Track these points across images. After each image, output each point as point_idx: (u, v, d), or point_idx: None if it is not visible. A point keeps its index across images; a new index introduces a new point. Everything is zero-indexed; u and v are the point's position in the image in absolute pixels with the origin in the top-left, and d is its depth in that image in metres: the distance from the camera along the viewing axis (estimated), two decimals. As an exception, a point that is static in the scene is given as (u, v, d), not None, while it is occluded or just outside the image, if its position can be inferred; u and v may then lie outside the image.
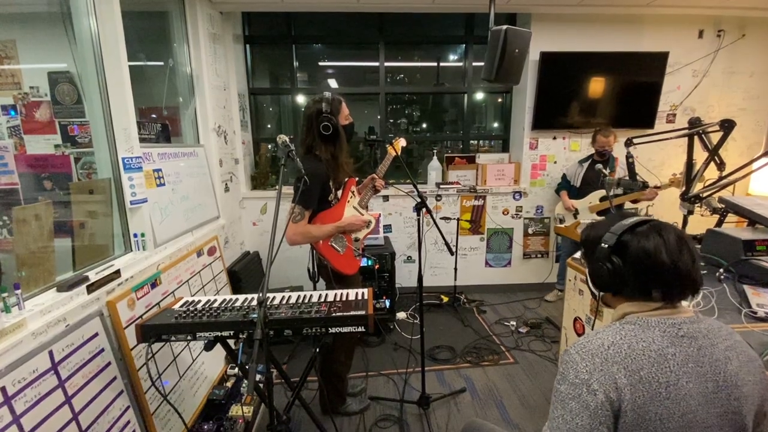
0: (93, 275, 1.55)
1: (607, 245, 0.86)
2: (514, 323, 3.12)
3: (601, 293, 0.94)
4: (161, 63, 2.55)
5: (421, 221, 2.04)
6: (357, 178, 2.09)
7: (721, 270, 1.69)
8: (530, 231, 3.79)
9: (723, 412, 0.75)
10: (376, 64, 3.63)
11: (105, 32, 1.74)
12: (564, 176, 3.46)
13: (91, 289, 1.50)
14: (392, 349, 2.82)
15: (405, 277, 3.66)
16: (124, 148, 1.82)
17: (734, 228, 2.00)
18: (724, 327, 0.84)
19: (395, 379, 2.47)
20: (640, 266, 0.82)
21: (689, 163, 2.05)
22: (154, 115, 2.44)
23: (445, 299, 3.50)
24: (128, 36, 1.81)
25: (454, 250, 2.14)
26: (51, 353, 1.27)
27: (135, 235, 1.88)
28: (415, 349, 2.73)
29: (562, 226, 3.31)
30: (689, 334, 0.79)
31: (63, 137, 1.85)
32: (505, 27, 1.82)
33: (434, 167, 3.65)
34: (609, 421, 0.74)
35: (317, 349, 1.42)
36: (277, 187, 1.39)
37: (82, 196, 1.78)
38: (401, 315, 3.26)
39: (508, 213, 3.73)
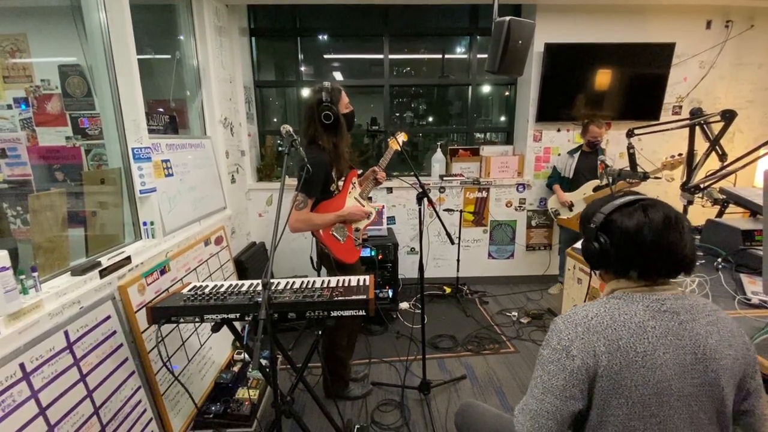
0: (105, 261, 1.61)
1: (594, 225, 0.90)
2: (516, 314, 3.15)
3: (598, 272, 0.98)
4: (168, 56, 2.59)
5: (422, 211, 2.07)
6: (360, 171, 2.13)
7: (719, 260, 1.71)
8: (533, 223, 3.81)
9: (700, 383, 0.79)
10: (381, 56, 3.65)
11: (114, 26, 1.78)
12: (554, 168, 3.46)
13: (103, 273, 1.56)
14: (395, 337, 2.87)
15: (408, 268, 3.69)
16: (133, 138, 1.87)
17: (736, 218, 2.00)
18: (709, 304, 0.86)
19: (397, 366, 2.52)
20: (621, 244, 0.86)
21: (690, 153, 2.05)
22: (161, 109, 2.49)
23: (448, 290, 3.54)
24: (136, 29, 1.85)
25: (455, 240, 2.17)
26: (66, 333, 1.34)
27: (144, 224, 1.94)
28: (416, 337, 2.77)
29: (565, 217, 3.32)
30: (672, 309, 0.82)
31: (74, 129, 1.90)
32: (508, 18, 1.83)
33: (438, 159, 3.67)
34: (583, 384, 0.80)
35: (320, 332, 1.46)
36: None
37: (94, 186, 1.83)
38: (404, 305, 3.31)
39: (511, 205, 3.75)
